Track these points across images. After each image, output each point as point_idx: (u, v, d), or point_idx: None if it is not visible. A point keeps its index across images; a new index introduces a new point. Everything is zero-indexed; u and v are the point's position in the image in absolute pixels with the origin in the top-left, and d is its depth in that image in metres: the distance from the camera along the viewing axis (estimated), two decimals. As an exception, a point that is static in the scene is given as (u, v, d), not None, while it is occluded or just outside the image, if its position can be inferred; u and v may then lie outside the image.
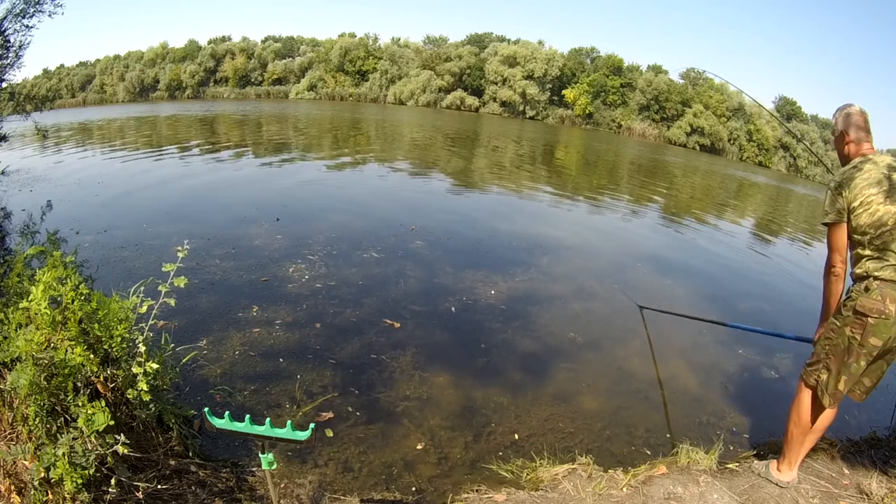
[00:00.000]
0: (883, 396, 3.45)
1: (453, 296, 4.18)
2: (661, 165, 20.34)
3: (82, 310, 1.72)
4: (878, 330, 1.95)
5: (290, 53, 46.59)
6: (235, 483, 2.04)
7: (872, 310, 1.95)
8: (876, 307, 1.94)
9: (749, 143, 37.63)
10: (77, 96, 45.48)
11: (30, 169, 7.99)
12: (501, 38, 43.68)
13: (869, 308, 1.96)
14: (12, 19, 3.46)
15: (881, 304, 1.94)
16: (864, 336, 1.97)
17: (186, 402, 2.45)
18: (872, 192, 1.99)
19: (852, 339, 2.01)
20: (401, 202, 7.45)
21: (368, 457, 2.34)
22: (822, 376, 2.12)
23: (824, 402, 2.11)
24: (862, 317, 1.97)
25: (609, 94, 38.35)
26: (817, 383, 2.13)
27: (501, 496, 2.13)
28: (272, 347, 3.13)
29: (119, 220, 5.35)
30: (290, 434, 1.38)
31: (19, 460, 1.59)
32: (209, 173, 8.80)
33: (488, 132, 23.91)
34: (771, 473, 2.33)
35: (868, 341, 1.97)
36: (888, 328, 1.94)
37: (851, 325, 2.01)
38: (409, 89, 40.52)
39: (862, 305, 1.97)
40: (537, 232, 6.60)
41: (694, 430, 2.84)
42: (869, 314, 1.96)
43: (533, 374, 3.22)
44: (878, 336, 1.95)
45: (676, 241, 7.50)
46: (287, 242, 4.99)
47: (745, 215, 11.31)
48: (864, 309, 1.97)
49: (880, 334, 1.95)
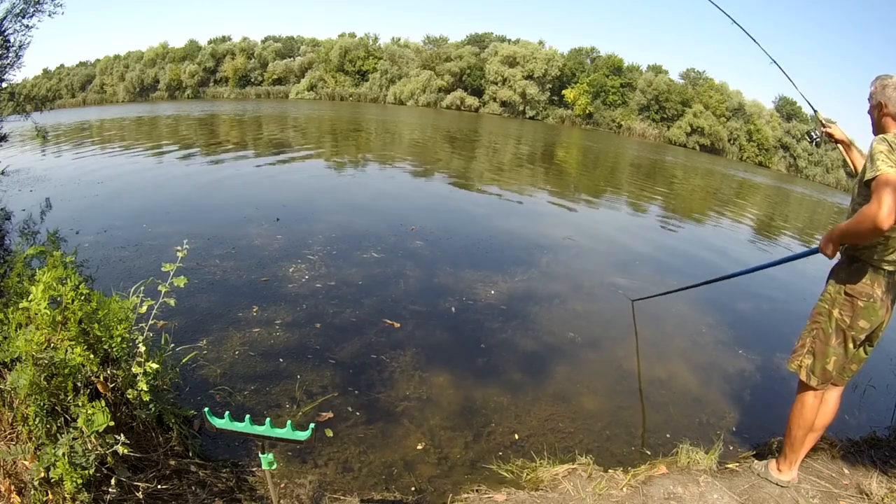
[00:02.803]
0: (883, 396, 3.45)
1: (453, 296, 4.18)
2: (661, 165, 20.35)
3: (82, 310, 1.72)
4: (867, 313, 2.00)
5: (290, 53, 46.59)
6: (235, 483, 2.04)
7: (862, 293, 2.00)
8: (865, 291, 2.00)
9: (749, 143, 37.63)
10: (77, 96, 45.47)
11: (30, 169, 7.99)
12: (501, 38, 43.68)
13: (859, 291, 2.00)
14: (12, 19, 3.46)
15: (870, 288, 1.99)
16: (854, 318, 2.02)
17: (186, 402, 2.44)
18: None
19: (840, 322, 2.05)
20: (401, 202, 7.45)
21: (368, 457, 2.34)
22: (805, 361, 2.15)
23: (812, 384, 2.13)
24: (852, 298, 2.02)
25: (609, 94, 38.35)
26: (800, 368, 2.16)
27: (501, 496, 2.13)
28: (272, 347, 3.13)
29: (119, 220, 5.35)
30: (290, 434, 1.38)
31: (19, 460, 1.59)
32: (209, 173, 8.81)
33: (488, 132, 23.92)
34: (770, 473, 2.33)
35: (857, 324, 2.02)
36: (875, 311, 2.00)
37: (841, 307, 2.05)
38: (409, 89, 40.52)
39: (852, 288, 2.02)
40: (537, 232, 6.60)
41: (694, 430, 2.84)
42: (858, 297, 2.00)
43: (533, 374, 3.22)
44: (867, 319, 2.01)
45: (677, 241, 7.50)
46: (287, 242, 4.99)
47: (745, 215, 11.30)
48: (854, 291, 2.01)
49: (868, 317, 2.01)
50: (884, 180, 1.79)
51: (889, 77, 2.05)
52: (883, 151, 1.86)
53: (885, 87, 2.03)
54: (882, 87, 2.04)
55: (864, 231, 1.85)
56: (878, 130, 2.07)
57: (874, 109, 2.09)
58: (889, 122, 2.03)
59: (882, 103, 2.04)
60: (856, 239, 1.95)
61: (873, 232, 1.81)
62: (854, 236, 1.94)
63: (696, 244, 7.53)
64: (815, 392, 2.16)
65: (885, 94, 2.03)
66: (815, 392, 2.16)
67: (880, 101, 2.04)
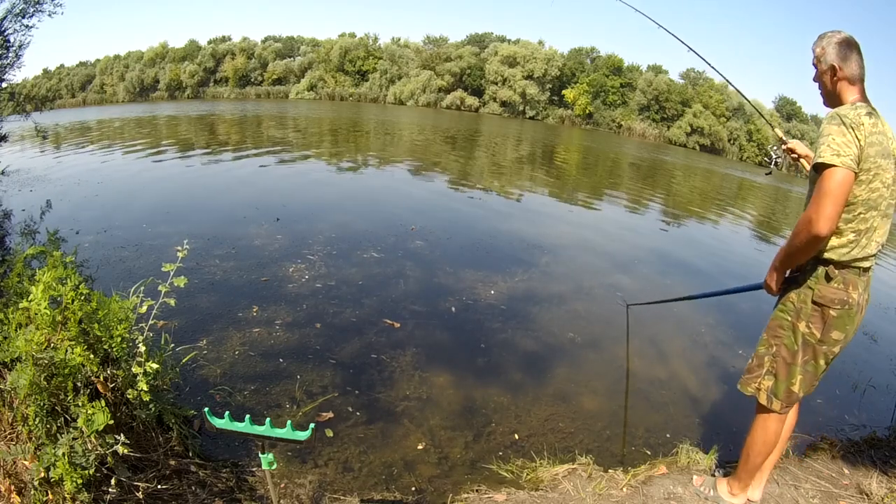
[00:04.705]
0: (883, 396, 3.45)
1: (453, 296, 4.18)
2: (660, 165, 20.35)
3: (82, 310, 1.72)
4: (841, 323, 1.68)
5: (290, 53, 46.59)
6: (235, 483, 2.04)
7: (834, 300, 1.67)
8: (837, 297, 1.66)
9: (749, 143, 37.65)
10: (77, 96, 45.49)
11: (30, 169, 7.99)
12: (501, 38, 43.70)
13: (830, 298, 1.67)
14: (12, 19, 3.46)
15: (843, 293, 1.66)
16: (826, 331, 1.70)
17: (186, 402, 2.44)
18: (882, 163, 1.59)
19: (809, 336, 1.73)
20: (401, 202, 7.45)
21: (368, 457, 2.34)
22: (765, 383, 1.84)
23: (775, 408, 1.83)
24: (822, 308, 1.69)
25: (609, 94, 38.37)
26: (759, 391, 1.85)
27: (501, 496, 2.13)
28: (272, 347, 3.13)
29: (119, 220, 5.35)
30: (290, 434, 1.38)
31: (19, 460, 1.59)
32: (209, 173, 8.80)
33: (488, 132, 23.91)
34: (721, 496, 2.10)
35: (830, 336, 1.70)
36: (851, 319, 1.69)
37: (808, 320, 1.72)
38: (409, 89, 40.53)
39: (821, 296, 1.68)
40: (537, 232, 6.60)
41: (694, 430, 2.84)
42: (830, 305, 1.67)
43: (533, 374, 3.22)
44: (841, 329, 1.69)
45: (677, 242, 7.50)
46: (287, 242, 4.99)
47: (745, 215, 11.30)
48: (825, 300, 1.67)
49: (843, 327, 1.69)
50: (825, 177, 1.53)
51: (836, 32, 1.70)
52: (832, 134, 1.55)
53: (836, 45, 1.67)
54: (831, 46, 1.68)
55: (803, 243, 1.60)
56: (832, 101, 1.74)
57: (824, 75, 1.72)
58: (845, 88, 1.68)
59: (835, 66, 1.67)
60: (799, 256, 1.67)
61: (813, 241, 1.57)
62: (797, 254, 1.66)
63: (697, 244, 7.53)
64: (778, 416, 1.86)
65: (837, 54, 1.67)
66: (778, 416, 1.86)
67: (833, 64, 1.67)
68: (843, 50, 1.66)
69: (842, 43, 1.67)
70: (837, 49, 1.67)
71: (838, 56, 1.67)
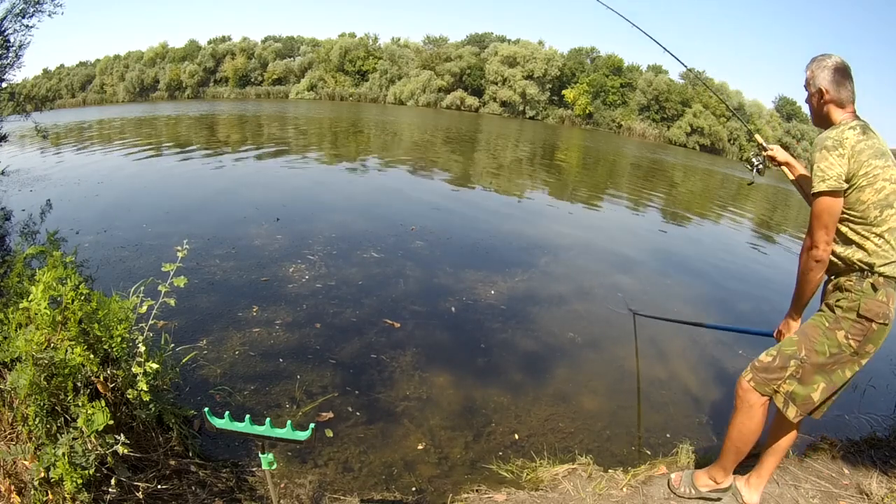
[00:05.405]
0: (883, 396, 3.45)
1: (453, 296, 4.17)
2: (660, 166, 20.35)
3: (82, 310, 1.72)
4: (879, 336, 1.69)
5: (290, 53, 46.59)
6: (235, 483, 2.04)
7: (879, 314, 1.65)
8: (882, 311, 1.65)
9: (749, 143, 37.58)
10: (77, 96, 45.50)
11: (30, 169, 7.99)
12: (501, 38, 43.69)
13: (875, 312, 1.65)
14: (12, 19, 3.46)
15: (886, 307, 1.65)
16: (863, 344, 1.69)
17: (186, 402, 2.44)
18: (878, 163, 1.64)
19: (845, 347, 1.70)
20: (401, 202, 7.45)
21: (368, 457, 2.34)
22: (785, 387, 1.78)
23: (789, 415, 1.78)
24: (867, 322, 1.66)
25: (609, 94, 38.36)
26: (776, 394, 1.80)
27: (501, 496, 2.13)
28: (272, 347, 3.13)
29: (119, 220, 5.35)
30: (290, 434, 1.38)
31: (19, 460, 1.59)
32: (209, 173, 8.80)
33: (488, 132, 23.92)
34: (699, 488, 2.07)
35: (865, 349, 1.70)
36: (884, 334, 1.69)
37: (849, 331, 1.69)
38: (409, 89, 40.53)
39: (867, 309, 1.65)
40: (537, 232, 6.60)
41: (694, 430, 2.84)
42: (875, 319, 1.65)
43: (533, 374, 3.22)
44: (875, 343, 1.70)
45: (677, 242, 7.50)
46: (287, 242, 4.99)
47: (745, 215, 11.29)
48: (871, 313, 1.65)
49: (877, 341, 1.70)
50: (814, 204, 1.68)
51: (827, 57, 1.78)
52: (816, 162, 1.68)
53: (825, 69, 1.76)
54: (821, 70, 1.77)
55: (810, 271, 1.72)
56: (820, 121, 1.83)
57: (813, 97, 1.82)
58: (833, 111, 1.77)
59: (823, 89, 1.76)
60: (811, 285, 1.76)
61: (817, 266, 1.71)
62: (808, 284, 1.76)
63: (697, 244, 7.52)
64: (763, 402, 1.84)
65: (826, 78, 1.75)
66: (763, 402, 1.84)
67: (821, 87, 1.76)
68: (831, 74, 1.76)
69: (831, 68, 1.77)
70: (826, 74, 1.77)
71: (826, 80, 1.76)
